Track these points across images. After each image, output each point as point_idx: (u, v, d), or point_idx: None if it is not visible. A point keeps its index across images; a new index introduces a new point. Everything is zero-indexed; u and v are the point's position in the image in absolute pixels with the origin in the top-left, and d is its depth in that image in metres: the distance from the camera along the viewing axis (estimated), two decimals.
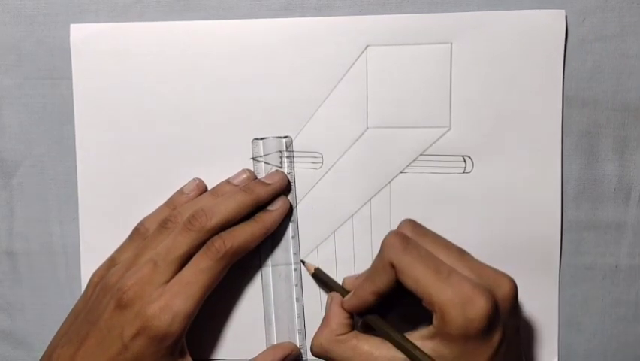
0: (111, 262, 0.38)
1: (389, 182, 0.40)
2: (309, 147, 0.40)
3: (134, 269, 0.36)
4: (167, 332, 0.34)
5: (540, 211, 0.39)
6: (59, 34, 0.40)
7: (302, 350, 0.40)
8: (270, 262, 0.40)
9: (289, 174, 0.40)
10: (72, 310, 0.38)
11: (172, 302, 0.35)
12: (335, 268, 0.40)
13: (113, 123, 0.40)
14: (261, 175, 0.40)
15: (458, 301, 0.31)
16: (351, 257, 0.40)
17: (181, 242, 0.36)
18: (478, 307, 0.31)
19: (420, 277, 0.32)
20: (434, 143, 0.39)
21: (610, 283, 0.40)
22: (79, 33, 0.40)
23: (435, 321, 0.32)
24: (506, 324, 0.33)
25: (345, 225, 0.40)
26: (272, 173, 0.40)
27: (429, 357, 0.32)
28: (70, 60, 0.40)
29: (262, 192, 0.38)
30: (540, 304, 0.40)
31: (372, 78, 0.39)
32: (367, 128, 0.40)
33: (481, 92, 0.39)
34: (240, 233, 0.37)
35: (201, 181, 0.40)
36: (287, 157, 0.40)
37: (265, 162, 0.40)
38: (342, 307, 0.36)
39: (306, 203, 0.40)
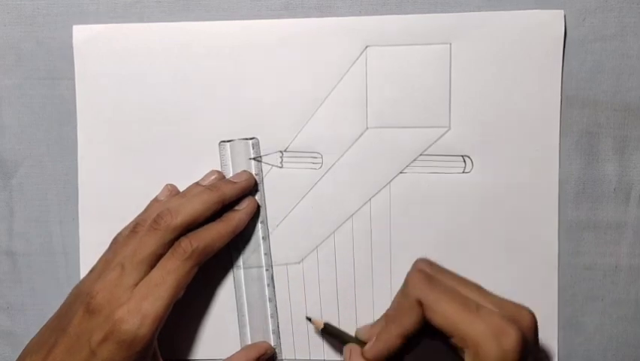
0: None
1: (389, 182, 0.40)
2: (309, 147, 0.40)
3: (104, 274, 0.35)
4: (136, 336, 0.33)
5: (538, 211, 0.39)
6: (59, 34, 0.41)
7: (277, 350, 0.40)
8: (241, 263, 0.40)
9: (257, 174, 0.40)
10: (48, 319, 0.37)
11: (140, 305, 0.34)
12: (335, 269, 0.40)
13: (113, 123, 0.41)
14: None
15: (491, 334, 0.31)
16: (351, 257, 0.40)
17: (147, 243, 0.36)
18: (512, 339, 0.31)
19: (448, 313, 0.32)
20: (434, 143, 0.39)
21: (610, 283, 0.40)
22: (81, 34, 0.40)
23: (467, 358, 0.31)
24: (530, 355, 0.32)
25: (345, 225, 0.40)
26: (238, 173, 0.40)
27: None
28: (70, 60, 0.40)
29: (227, 190, 0.38)
30: (540, 305, 0.40)
31: (372, 78, 0.39)
32: (367, 128, 0.40)
33: (481, 92, 0.39)
34: (207, 233, 0.37)
35: (174, 187, 0.40)
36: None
37: (264, 163, 0.40)
38: (365, 358, 0.35)
39: (306, 203, 0.40)
